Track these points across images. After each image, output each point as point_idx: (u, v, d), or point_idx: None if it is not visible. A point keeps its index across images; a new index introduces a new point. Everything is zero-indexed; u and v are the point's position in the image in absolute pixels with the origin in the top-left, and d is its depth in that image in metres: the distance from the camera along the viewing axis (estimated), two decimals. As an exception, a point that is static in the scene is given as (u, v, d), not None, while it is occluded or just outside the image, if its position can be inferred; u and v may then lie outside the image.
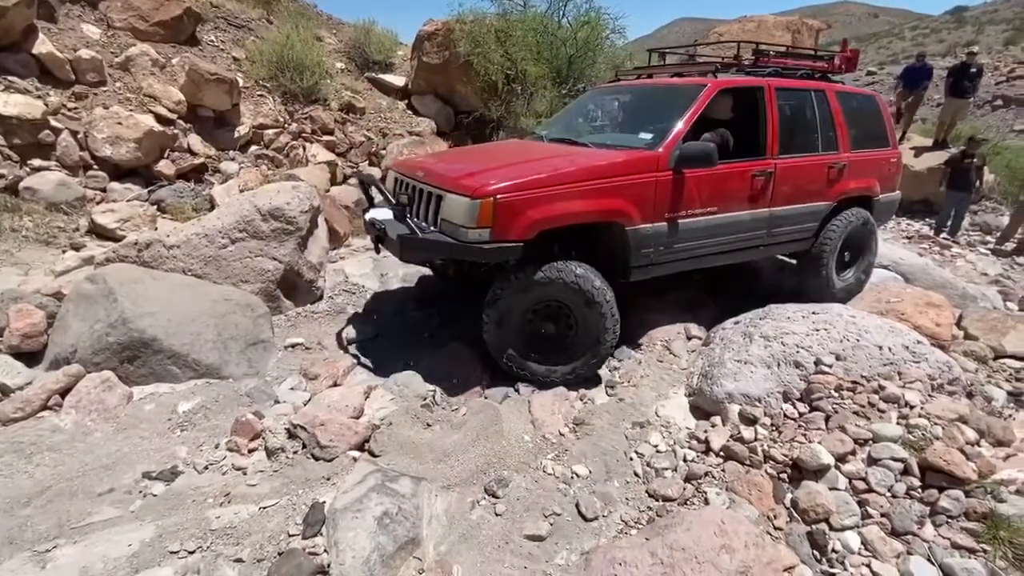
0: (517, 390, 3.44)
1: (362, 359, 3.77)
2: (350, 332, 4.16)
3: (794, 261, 4.86)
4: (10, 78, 5.97)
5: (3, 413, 2.93)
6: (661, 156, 3.43)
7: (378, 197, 4.01)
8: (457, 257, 3.22)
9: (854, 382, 2.87)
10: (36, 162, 5.79)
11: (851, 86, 5.04)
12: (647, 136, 3.67)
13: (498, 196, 2.97)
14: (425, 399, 3.25)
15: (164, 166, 6.60)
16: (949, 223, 8.46)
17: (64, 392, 3.09)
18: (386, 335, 4.12)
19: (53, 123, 5.96)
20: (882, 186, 4.85)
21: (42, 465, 2.67)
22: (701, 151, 3.41)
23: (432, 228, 3.25)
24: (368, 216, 3.72)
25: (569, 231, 3.25)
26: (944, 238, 8.32)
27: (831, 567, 2.11)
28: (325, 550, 2.20)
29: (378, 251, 3.79)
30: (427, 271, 5.14)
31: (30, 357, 3.39)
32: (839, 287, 4.64)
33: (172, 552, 2.20)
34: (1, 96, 5.69)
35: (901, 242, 8.29)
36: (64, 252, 5.15)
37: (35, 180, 5.62)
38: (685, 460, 2.81)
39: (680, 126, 3.54)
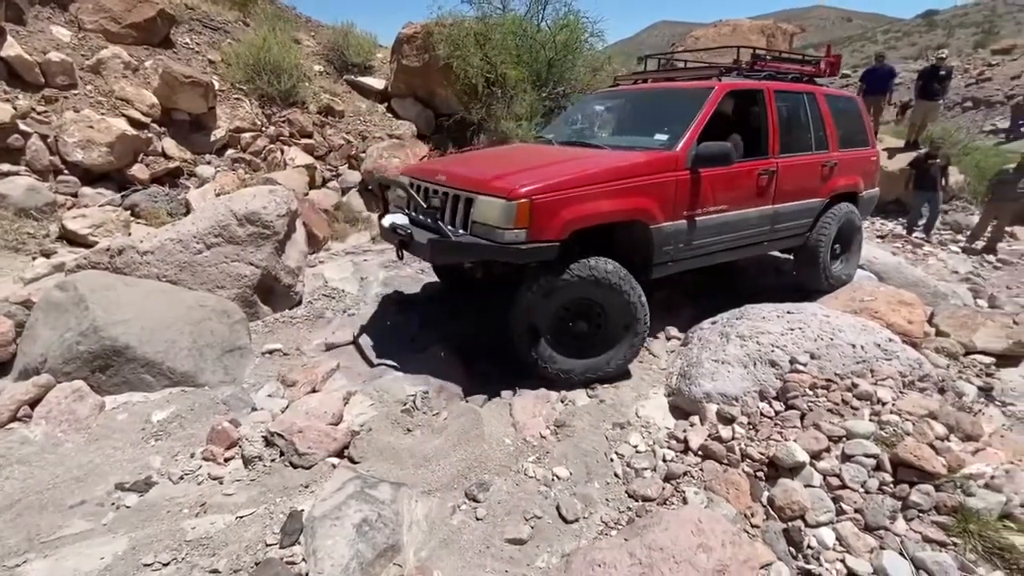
0: (499, 393, 3.44)
1: (343, 363, 3.74)
2: (328, 337, 4.11)
3: (790, 256, 5.11)
4: (-24, 81, 5.82)
5: (-31, 426, 2.85)
6: (679, 156, 3.57)
7: (393, 202, 4.01)
8: (493, 259, 3.19)
9: (828, 380, 2.93)
10: (5, 167, 5.65)
11: (834, 88, 5.29)
12: (663, 137, 3.79)
13: (534, 197, 3.02)
14: (405, 404, 3.23)
15: (138, 170, 6.49)
16: (921, 222, 8.66)
17: (33, 403, 3.01)
18: (366, 339, 4.09)
19: (22, 127, 5.83)
20: (865, 183, 5.14)
21: (11, 478, 2.60)
22: (718, 151, 3.57)
23: (461, 231, 3.25)
24: (387, 222, 3.70)
25: (593, 231, 3.31)
26: (918, 237, 8.52)
27: (807, 563, 2.14)
28: (303, 559, 2.18)
29: (401, 257, 3.77)
30: (412, 275, 5.12)
31: (-3, 367, 3.31)
32: (834, 275, 4.92)
33: (146, 564, 2.15)
34: (-34, 99, 5.55)
35: (875, 241, 8.47)
36: (34, 259, 5.03)
37: (4, 185, 5.48)
38: (664, 460, 2.83)
39: (694, 126, 3.68)
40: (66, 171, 6.07)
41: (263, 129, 8.02)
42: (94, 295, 3.36)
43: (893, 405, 2.71)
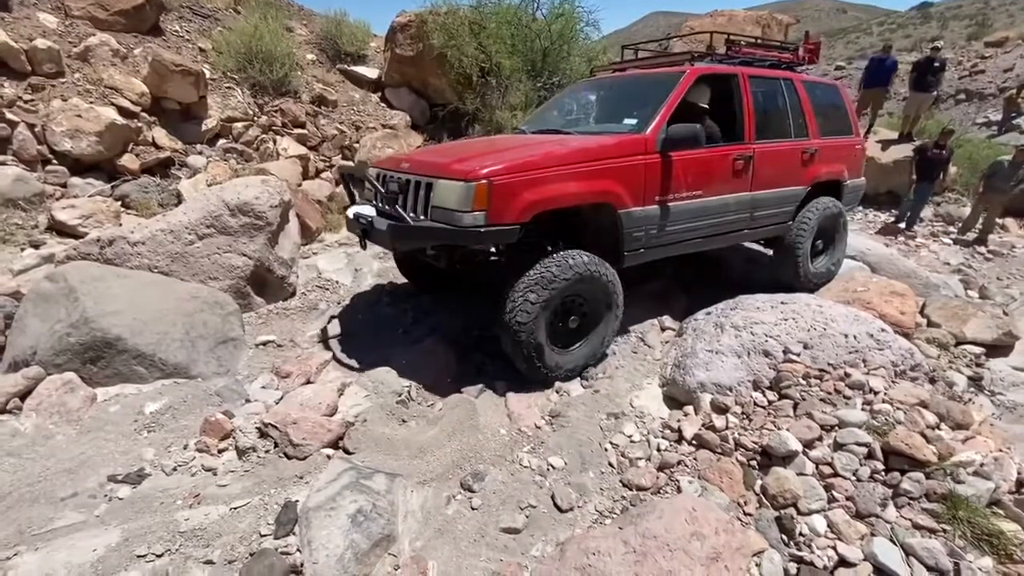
0: (493, 385, 3.44)
1: (337, 354, 3.73)
2: (322, 328, 4.10)
3: (770, 251, 4.98)
4: (-40, 69, 5.71)
5: (-42, 418, 2.82)
6: (648, 139, 3.51)
7: (361, 193, 3.93)
8: (451, 242, 3.15)
9: (821, 370, 2.94)
10: (-9, 156, 5.55)
11: (815, 76, 5.20)
12: (632, 121, 3.74)
13: (493, 178, 2.96)
14: (400, 395, 3.23)
15: (128, 160, 6.39)
16: (909, 214, 8.65)
17: (24, 395, 2.98)
18: (360, 331, 4.08)
19: (9, 116, 5.72)
20: (849, 171, 5.07)
21: (1, 471, 2.58)
22: (688, 133, 3.50)
23: (422, 217, 3.20)
24: (351, 212, 3.68)
25: (558, 219, 3.28)
26: (900, 226, 8.53)
27: (799, 550, 2.16)
28: (298, 549, 2.18)
29: (364, 246, 3.73)
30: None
31: (-14, 359, 3.27)
32: (813, 273, 4.82)
33: (139, 556, 2.15)
34: (-49, 87, 5.44)
35: (868, 233, 8.51)
36: (22, 250, 4.96)
37: (-10, 175, 5.39)
38: (659, 449, 2.85)
39: (664, 110, 3.62)
40: (54, 161, 5.97)
41: (255, 119, 7.92)
42: (84, 286, 3.32)
43: (885, 394, 2.73)
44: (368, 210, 3.62)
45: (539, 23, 9.25)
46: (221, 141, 7.47)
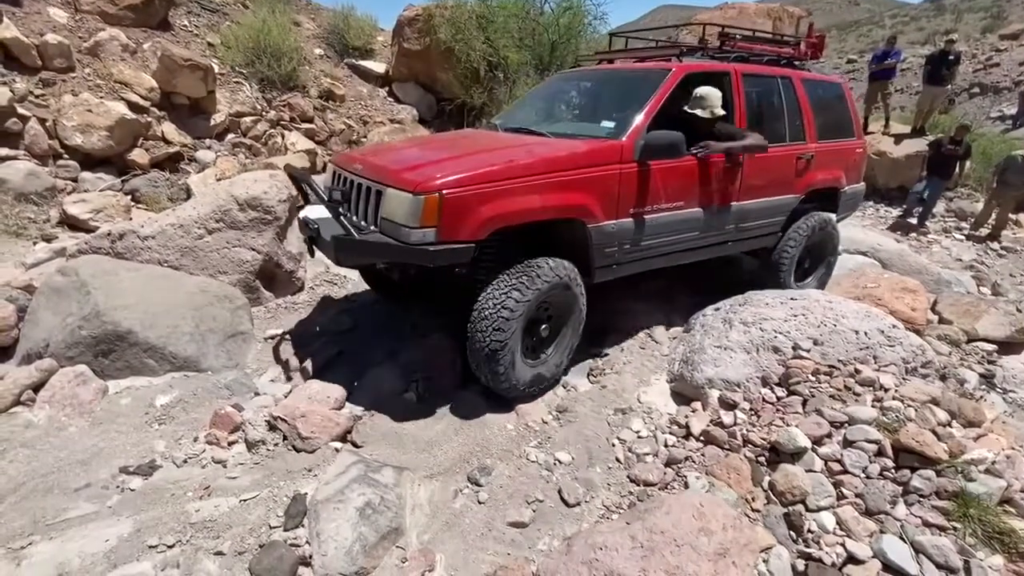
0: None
1: (346, 349, 3.74)
2: (329, 323, 4.11)
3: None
4: (-28, 64, 5.76)
5: (-27, 410, 2.86)
6: (625, 146, 3.19)
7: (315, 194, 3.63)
8: (398, 260, 2.90)
9: (831, 366, 2.92)
10: (3, 151, 5.60)
11: (817, 73, 4.91)
12: (609, 125, 3.42)
13: (445, 191, 2.64)
14: (408, 390, 3.24)
15: (138, 155, 6.44)
16: (917, 209, 8.53)
17: (37, 387, 3.02)
18: (369, 325, 4.09)
19: (20, 111, 5.77)
20: (848, 177, 4.69)
21: (15, 461, 2.61)
22: (667, 141, 3.18)
23: (372, 228, 2.90)
24: (302, 215, 3.39)
25: (524, 230, 2.97)
26: (911, 222, 8.44)
27: (807, 547, 2.15)
28: (307, 541, 2.20)
29: (312, 254, 3.39)
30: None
31: (0, 352, 3.31)
32: None
33: (151, 546, 2.17)
34: (-36, 82, 5.49)
35: (879, 228, 8.43)
36: (35, 244, 5.01)
37: (3, 170, 5.44)
38: (666, 445, 2.85)
39: (644, 113, 3.30)
40: (65, 155, 6.03)
41: (263, 113, 7.95)
42: (96, 280, 3.35)
43: (896, 391, 2.71)
44: (319, 212, 3.27)
45: (547, 17, 9.21)
46: (230, 136, 7.51)
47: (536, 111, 4.37)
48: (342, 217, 2.91)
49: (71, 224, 5.37)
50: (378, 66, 10.06)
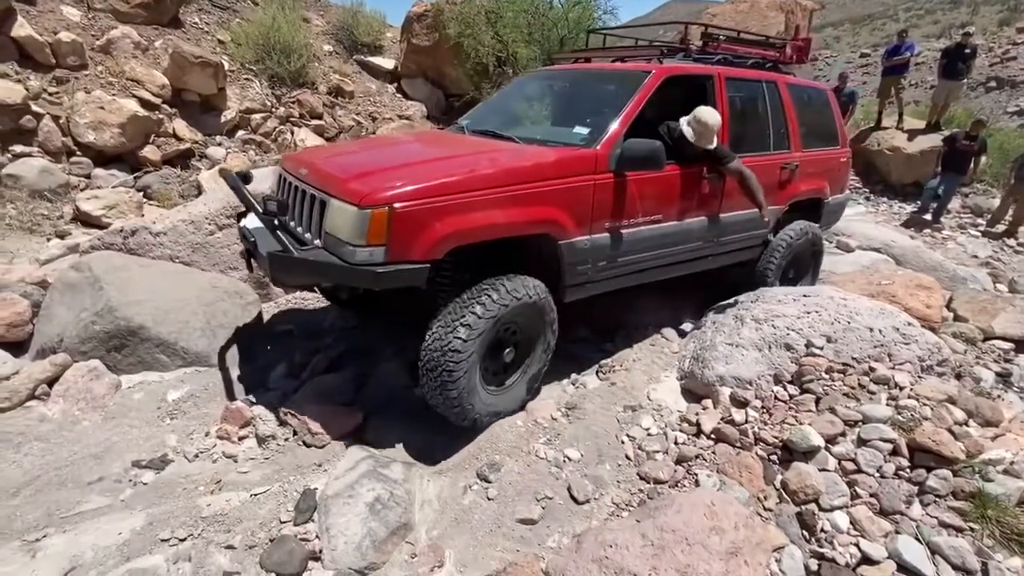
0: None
1: (356, 344, 3.74)
2: (338, 319, 4.12)
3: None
4: (-12, 62, 5.83)
5: (-11, 403, 2.90)
6: (599, 155, 2.93)
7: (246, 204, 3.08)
8: (341, 282, 2.60)
9: (845, 364, 2.89)
10: (18, 148, 5.67)
11: (803, 78, 4.62)
12: (583, 131, 3.16)
13: (396, 204, 2.34)
14: (416, 385, 3.24)
15: (149, 152, 6.49)
16: (933, 204, 8.41)
17: (51, 382, 3.06)
18: (376, 322, 4.10)
19: (34, 108, 5.84)
20: (832, 187, 4.54)
21: (30, 455, 2.65)
22: (645, 151, 2.92)
23: (317, 242, 2.60)
24: (241, 223, 3.06)
25: (487, 246, 2.69)
26: (926, 218, 8.33)
27: (820, 547, 2.13)
28: (317, 536, 2.20)
29: (251, 269, 3.04)
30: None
31: (15, 347, 3.34)
32: None
33: (163, 540, 2.19)
34: (-21, 80, 5.56)
35: (893, 224, 8.32)
36: (49, 240, 5.08)
37: (17, 167, 5.51)
38: (676, 443, 2.82)
39: (621, 119, 3.04)
40: (79, 152, 6.09)
41: (273, 110, 7.99)
42: (108, 276, 3.38)
43: (911, 390, 2.67)
44: (258, 223, 2.93)
45: (556, 11, 9.15)
46: (240, 132, 7.56)
47: (506, 112, 4.09)
48: (279, 231, 2.63)
49: (84, 220, 5.43)
50: (387, 62, 10.08)
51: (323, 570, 2.09)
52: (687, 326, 3.98)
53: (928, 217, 8.37)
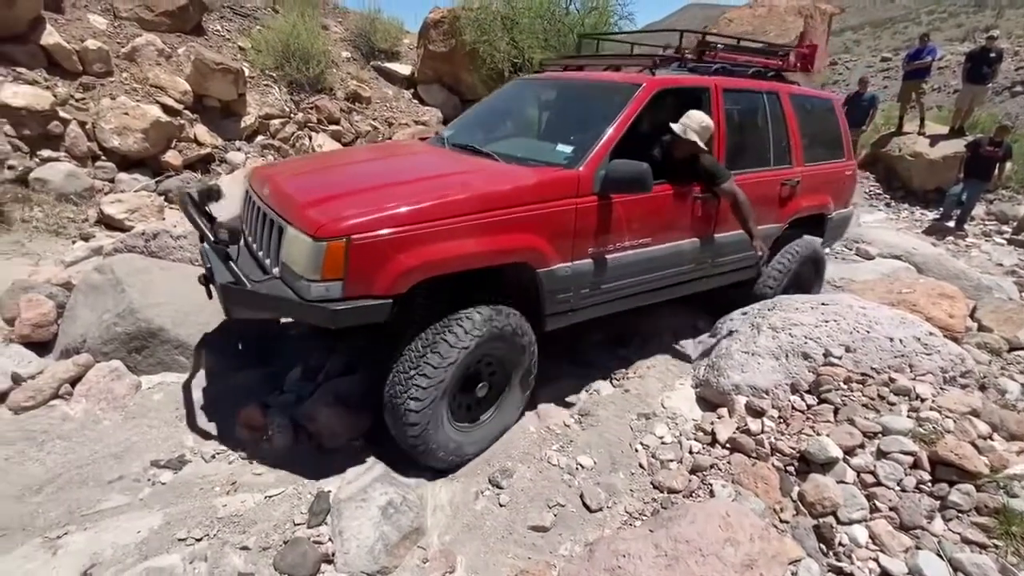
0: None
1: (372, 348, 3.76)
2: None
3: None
4: (18, 69, 6.00)
5: (15, 402, 2.97)
6: (582, 176, 2.73)
7: (198, 230, 2.81)
8: (296, 319, 2.40)
9: (864, 374, 2.83)
10: (45, 153, 5.82)
11: (808, 88, 4.41)
12: (565, 149, 2.96)
13: (354, 236, 2.15)
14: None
15: (171, 156, 6.62)
16: (956, 211, 8.24)
17: (74, 381, 3.12)
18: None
19: (61, 114, 5.99)
20: (836, 202, 4.35)
21: (53, 453, 2.70)
22: (632, 174, 2.71)
23: (275, 270, 2.42)
24: (203, 246, 2.82)
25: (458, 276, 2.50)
26: (948, 225, 8.17)
27: (838, 560, 2.09)
28: (330, 539, 2.22)
29: (209, 295, 2.72)
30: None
31: (40, 347, 3.42)
32: None
33: (180, 539, 2.23)
34: (10, 87, 5.72)
35: (914, 232, 8.17)
36: (74, 242, 5.20)
37: (45, 171, 5.66)
38: (691, 452, 2.80)
39: (607, 138, 2.85)
40: (103, 157, 6.23)
41: (291, 115, 8.10)
42: (130, 278, 3.45)
43: (933, 401, 2.61)
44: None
45: (572, 17, 9.16)
46: (259, 137, 7.67)
47: (488, 124, 3.89)
48: (231, 262, 2.47)
49: (108, 223, 5.54)
50: (404, 68, 10.17)
51: (336, 573, 2.11)
52: (703, 336, 3.94)
53: (951, 224, 8.21)
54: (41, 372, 3.16)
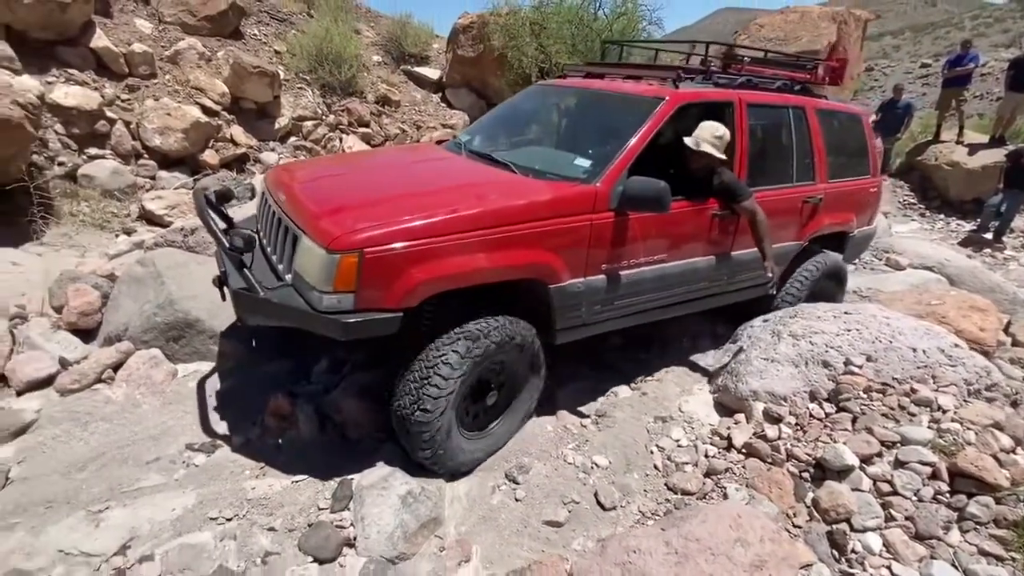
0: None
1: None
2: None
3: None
4: (69, 71, 6.31)
5: (62, 385, 3.15)
6: (599, 193, 2.69)
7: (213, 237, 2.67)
8: (307, 329, 2.33)
9: (885, 384, 2.81)
10: (92, 150, 6.11)
11: (835, 102, 4.29)
12: (583, 163, 2.92)
13: (367, 249, 2.16)
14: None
15: (209, 156, 6.88)
16: (993, 223, 8.00)
17: (116, 367, 3.29)
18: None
19: (108, 114, 6.28)
20: (859, 220, 4.25)
21: (96, 433, 2.87)
22: (650, 193, 2.66)
23: (288, 277, 2.42)
24: (217, 248, 2.79)
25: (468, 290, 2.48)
26: (985, 237, 7.93)
27: (850, 567, 2.09)
28: (352, 524, 2.32)
29: (223, 297, 2.70)
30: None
31: (86, 334, 3.61)
32: None
33: (211, 518, 2.35)
34: (62, 88, 6.03)
35: (949, 243, 7.96)
36: (117, 236, 5.45)
37: (92, 168, 5.94)
38: (706, 456, 2.82)
39: (625, 153, 2.80)
40: (146, 155, 6.51)
41: (323, 118, 8.33)
42: (170, 271, 3.62)
43: (955, 413, 2.58)
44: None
45: (600, 22, 9.20)
46: (292, 139, 7.91)
47: (506, 130, 3.86)
48: (246, 269, 2.42)
49: (149, 219, 5.80)
50: (432, 72, 10.35)
51: (356, 556, 2.20)
52: (723, 339, 3.94)
53: (988, 236, 7.98)
54: (86, 358, 3.34)
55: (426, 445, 2.45)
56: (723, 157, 3.12)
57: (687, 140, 3.10)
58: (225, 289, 2.58)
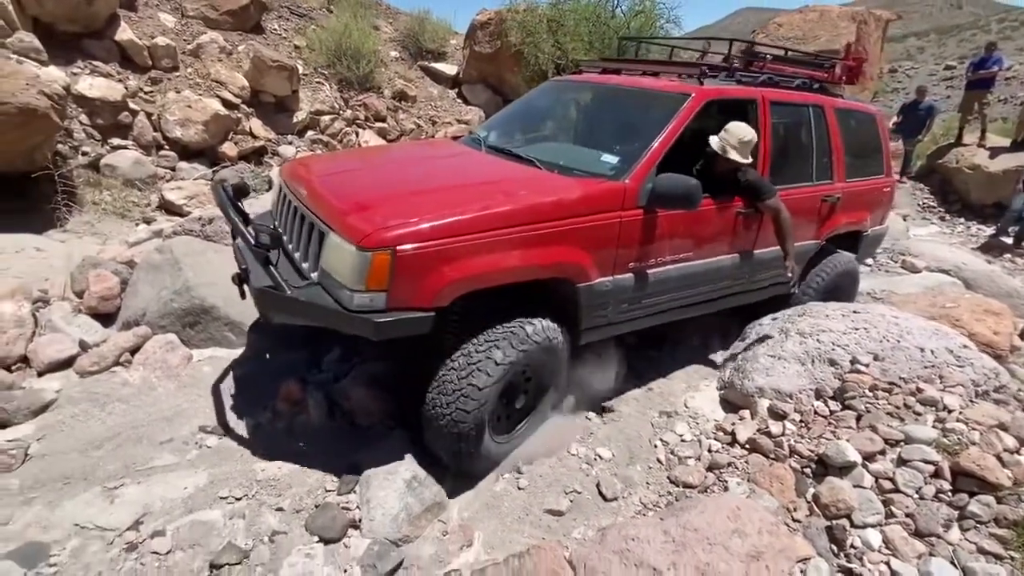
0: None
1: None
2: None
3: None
4: (95, 63, 6.48)
5: (81, 366, 3.25)
6: (628, 190, 2.66)
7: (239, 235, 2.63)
8: (337, 328, 2.26)
9: (891, 383, 2.81)
10: (115, 141, 6.27)
11: (852, 101, 4.27)
12: (610, 160, 2.88)
13: (399, 247, 2.10)
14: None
15: (227, 148, 7.01)
16: (1013, 228, 7.85)
17: (134, 350, 3.39)
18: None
19: (131, 105, 6.44)
20: (872, 219, 4.27)
21: (113, 414, 2.96)
22: (681, 190, 2.63)
23: (315, 275, 2.35)
24: (237, 242, 2.75)
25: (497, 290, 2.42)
26: (1002, 240, 7.79)
27: (848, 562, 2.10)
28: (358, 506, 2.37)
29: (243, 295, 2.61)
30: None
31: (105, 318, 3.72)
32: None
33: (222, 497, 2.42)
34: (87, 79, 6.19)
35: (967, 247, 7.83)
36: (137, 225, 5.59)
37: (115, 157, 6.10)
38: (709, 450, 2.83)
39: (654, 149, 2.76)
40: (166, 147, 6.66)
41: (341, 112, 8.43)
42: (187, 259, 3.71)
43: (960, 413, 2.57)
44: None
45: (618, 20, 9.19)
46: (309, 132, 8.02)
47: (526, 126, 3.81)
48: (271, 266, 2.37)
49: (168, 208, 5.93)
50: (449, 68, 10.41)
51: (361, 538, 2.26)
52: (731, 336, 3.94)
53: (1008, 240, 7.83)
54: (105, 341, 3.44)
55: (459, 448, 2.40)
56: (749, 161, 3.07)
57: (712, 143, 3.06)
58: (245, 287, 2.52)
